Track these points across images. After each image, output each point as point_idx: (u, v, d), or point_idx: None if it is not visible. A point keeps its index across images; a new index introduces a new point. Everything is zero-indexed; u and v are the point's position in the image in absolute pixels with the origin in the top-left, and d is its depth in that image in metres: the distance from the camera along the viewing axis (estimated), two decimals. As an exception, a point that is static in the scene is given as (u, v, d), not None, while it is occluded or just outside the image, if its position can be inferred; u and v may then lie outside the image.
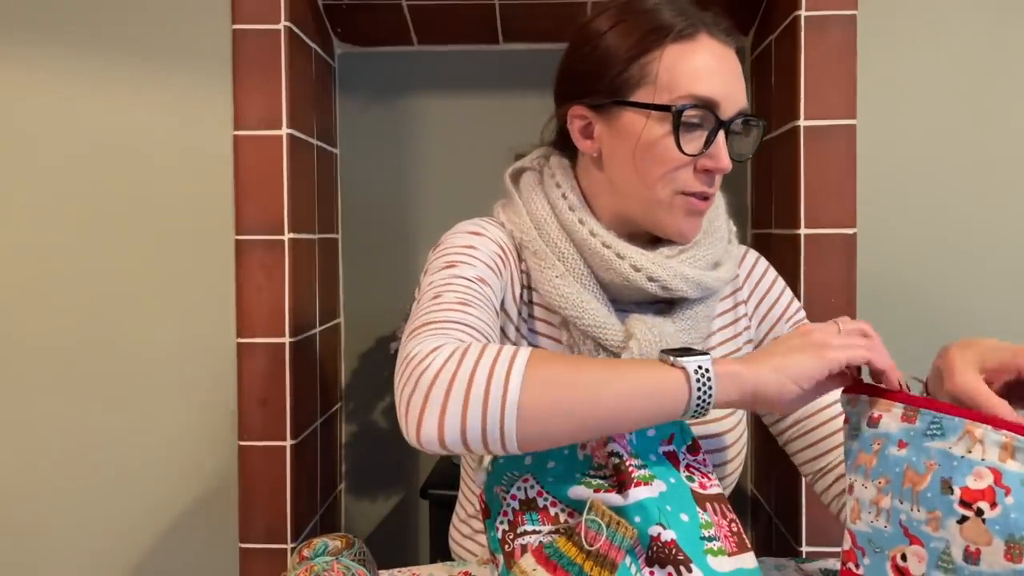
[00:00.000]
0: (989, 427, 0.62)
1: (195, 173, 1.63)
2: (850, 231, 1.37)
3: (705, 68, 0.87)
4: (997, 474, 0.60)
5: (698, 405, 0.69)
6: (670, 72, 0.86)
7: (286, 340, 1.40)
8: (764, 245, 1.59)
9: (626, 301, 0.94)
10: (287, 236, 1.40)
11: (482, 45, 1.75)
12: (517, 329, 0.95)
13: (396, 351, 0.81)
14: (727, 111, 0.87)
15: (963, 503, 0.61)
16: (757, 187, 1.72)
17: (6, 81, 1.64)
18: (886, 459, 0.67)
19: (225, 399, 1.61)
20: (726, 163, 0.87)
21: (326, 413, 1.65)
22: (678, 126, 0.85)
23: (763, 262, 1.06)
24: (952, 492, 0.62)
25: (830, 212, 1.39)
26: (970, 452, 0.62)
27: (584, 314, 0.90)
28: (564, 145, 0.99)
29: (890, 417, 0.69)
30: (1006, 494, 0.60)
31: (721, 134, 0.86)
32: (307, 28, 1.53)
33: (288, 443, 1.40)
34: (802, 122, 1.37)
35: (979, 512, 0.60)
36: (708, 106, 0.86)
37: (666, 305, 0.95)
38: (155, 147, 1.63)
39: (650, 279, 0.89)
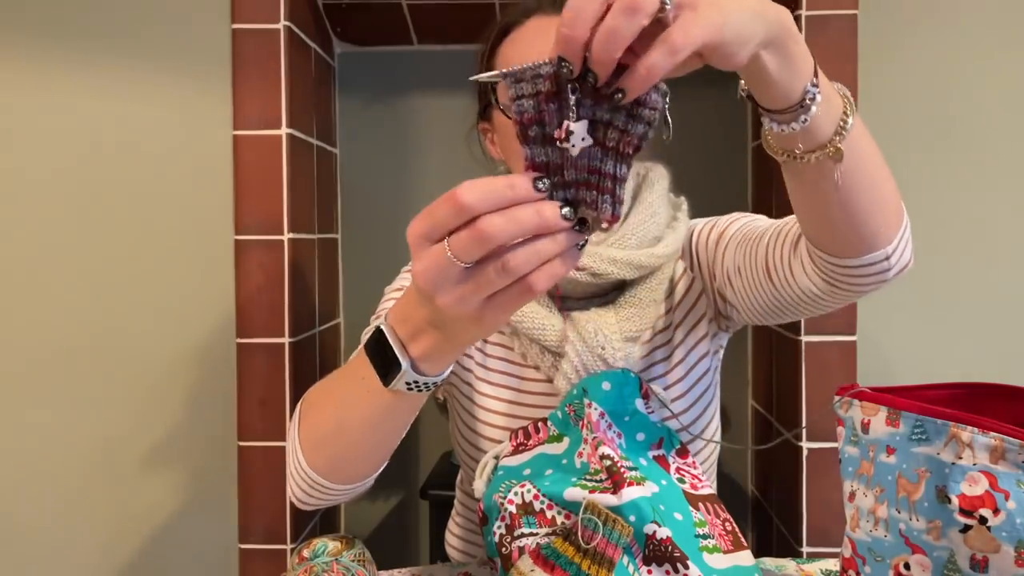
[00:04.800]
0: (976, 430, 0.61)
1: (194, 173, 1.63)
2: (851, 231, 1.37)
3: (531, 50, 0.89)
4: (992, 478, 0.60)
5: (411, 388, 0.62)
6: (504, 64, 0.89)
7: (286, 340, 1.40)
8: (765, 245, 1.58)
9: (571, 298, 0.94)
10: (287, 236, 1.39)
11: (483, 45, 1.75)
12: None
13: None
14: None
15: (963, 512, 0.60)
16: (757, 187, 1.72)
17: (5, 80, 1.64)
18: (879, 467, 0.67)
19: (224, 399, 1.61)
20: None
21: (326, 413, 1.65)
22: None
23: (708, 220, 1.00)
24: (950, 501, 0.61)
25: (831, 212, 1.39)
26: (960, 458, 0.61)
27: (523, 318, 0.90)
28: None
29: (877, 422, 0.68)
30: (1006, 498, 0.59)
31: None
32: (307, 28, 1.53)
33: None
34: (803, 122, 1.37)
35: (983, 520, 0.59)
36: None
37: (615, 293, 0.94)
38: (154, 147, 1.63)
39: (578, 268, 0.89)
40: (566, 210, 0.51)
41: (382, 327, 0.61)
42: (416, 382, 0.61)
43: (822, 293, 0.77)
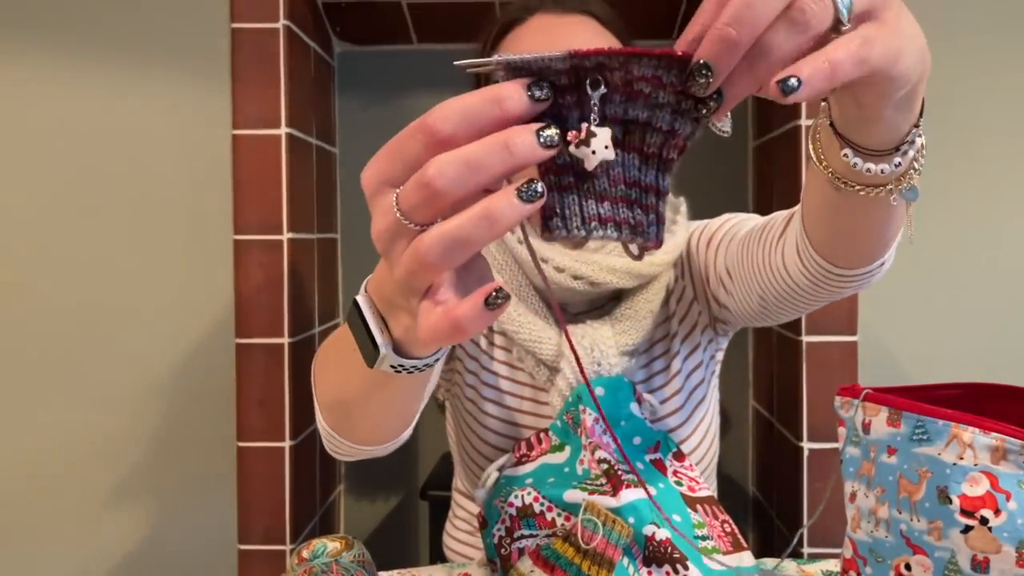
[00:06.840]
0: (977, 430, 0.61)
1: (193, 172, 1.62)
2: (851, 231, 1.37)
3: (534, 49, 0.86)
4: (993, 478, 0.60)
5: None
6: None
7: (285, 341, 1.39)
8: (765, 245, 1.58)
9: (571, 307, 0.92)
10: (286, 236, 1.39)
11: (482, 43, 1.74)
12: (476, 344, 0.95)
13: None
14: None
15: (964, 512, 0.60)
16: (758, 187, 1.71)
17: (3, 80, 1.64)
18: (880, 467, 0.66)
19: (223, 400, 1.61)
20: None
21: (325, 413, 1.65)
22: None
23: (699, 225, 0.97)
24: (951, 502, 0.61)
25: (831, 212, 1.38)
26: (961, 459, 0.61)
27: (520, 328, 0.88)
28: None
29: (878, 422, 0.68)
30: (1007, 499, 0.59)
31: None
32: (306, 27, 1.53)
33: (287, 444, 1.39)
34: (803, 121, 1.37)
35: (984, 520, 0.59)
36: None
37: (612, 303, 0.92)
38: (153, 146, 1.63)
39: (575, 277, 0.86)
40: (549, 132, 0.38)
41: (358, 299, 0.49)
42: (402, 365, 0.49)
43: (804, 291, 0.74)
